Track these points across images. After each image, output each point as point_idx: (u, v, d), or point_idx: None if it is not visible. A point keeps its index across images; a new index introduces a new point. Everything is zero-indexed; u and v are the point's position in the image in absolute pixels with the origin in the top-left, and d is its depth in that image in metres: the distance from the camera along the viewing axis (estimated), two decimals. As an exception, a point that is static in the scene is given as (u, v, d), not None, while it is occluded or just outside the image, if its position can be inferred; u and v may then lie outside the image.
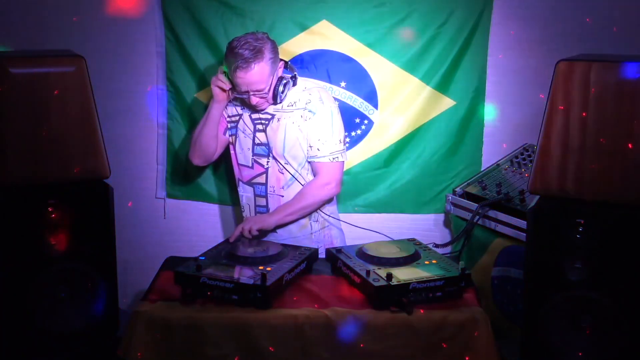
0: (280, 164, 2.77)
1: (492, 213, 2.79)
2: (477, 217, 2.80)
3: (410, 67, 3.14)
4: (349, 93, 3.14)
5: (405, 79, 3.15)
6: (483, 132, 3.22)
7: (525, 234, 2.45)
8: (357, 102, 3.16)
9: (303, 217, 2.78)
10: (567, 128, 2.14)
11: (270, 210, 2.80)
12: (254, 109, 2.76)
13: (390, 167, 3.23)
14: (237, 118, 2.84)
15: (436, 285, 2.22)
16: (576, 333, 2.16)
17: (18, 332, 2.28)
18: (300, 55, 3.15)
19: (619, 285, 2.10)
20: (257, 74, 2.62)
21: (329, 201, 2.84)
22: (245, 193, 2.87)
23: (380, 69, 3.14)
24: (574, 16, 3.06)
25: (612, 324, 2.11)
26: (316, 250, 2.52)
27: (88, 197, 2.36)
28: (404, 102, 3.18)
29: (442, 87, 3.17)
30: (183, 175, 3.29)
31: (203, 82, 3.18)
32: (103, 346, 2.38)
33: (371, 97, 3.16)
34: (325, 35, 3.13)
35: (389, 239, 2.64)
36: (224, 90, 2.73)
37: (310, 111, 2.73)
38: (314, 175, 2.78)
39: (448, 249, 3.19)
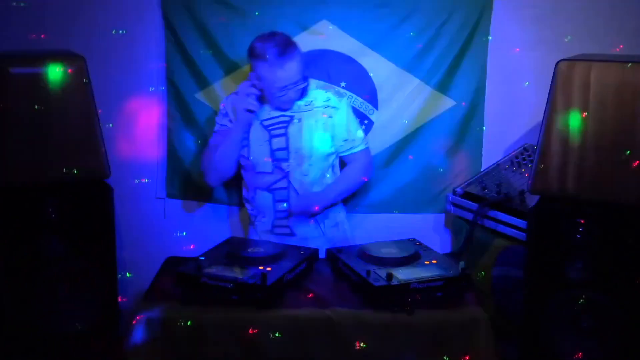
0: (304, 165, 2.78)
1: (492, 213, 2.79)
2: (479, 217, 2.80)
3: (410, 67, 3.14)
4: (349, 93, 3.14)
5: (405, 79, 3.15)
6: (483, 132, 3.21)
7: (525, 234, 2.45)
8: (357, 102, 3.16)
9: (338, 201, 2.87)
10: (567, 128, 2.14)
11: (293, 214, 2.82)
12: (283, 106, 2.75)
13: (390, 167, 3.22)
14: (247, 129, 2.80)
15: (436, 286, 2.22)
16: (576, 333, 2.17)
17: (18, 332, 2.28)
18: (300, 55, 3.15)
19: (619, 285, 2.10)
20: (297, 65, 2.66)
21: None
22: (263, 200, 2.84)
23: (380, 69, 3.14)
24: (574, 16, 3.06)
25: (612, 324, 2.11)
26: (316, 250, 2.52)
27: (88, 197, 2.36)
28: (404, 102, 3.18)
29: (442, 87, 3.17)
30: (183, 175, 3.29)
31: (203, 82, 3.18)
32: (103, 346, 2.38)
33: (371, 97, 3.16)
34: (325, 35, 3.12)
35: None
36: (252, 111, 2.72)
37: (333, 107, 2.80)
38: (344, 168, 2.90)
39: (448, 249, 3.20)
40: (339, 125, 2.81)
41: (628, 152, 2.07)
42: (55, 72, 2.27)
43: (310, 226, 2.85)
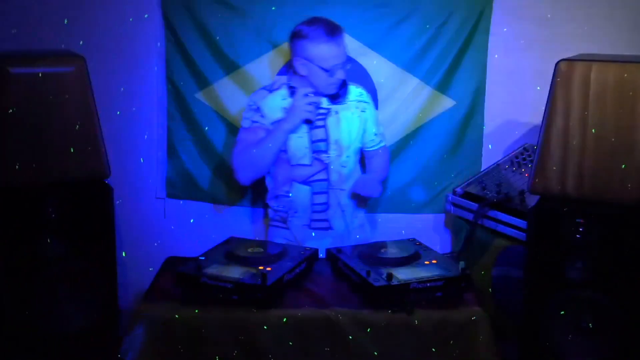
0: (342, 157, 2.79)
1: (492, 213, 2.79)
2: (479, 217, 2.80)
3: (410, 67, 3.14)
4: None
5: (405, 79, 3.15)
6: (483, 132, 3.21)
7: (525, 234, 2.45)
8: (357, 102, 3.16)
9: None
10: (567, 128, 2.14)
11: (331, 207, 2.81)
12: (329, 90, 2.75)
13: (390, 166, 3.22)
14: None
15: (436, 286, 2.22)
16: (576, 333, 2.17)
17: (18, 332, 2.28)
18: (301, 55, 3.15)
19: (619, 285, 2.10)
20: (344, 44, 2.71)
21: None
22: (300, 194, 2.82)
23: (380, 69, 3.14)
24: (574, 16, 3.06)
25: (612, 324, 2.11)
26: (316, 250, 2.52)
27: (88, 197, 2.36)
28: (404, 102, 3.18)
29: (442, 87, 3.17)
30: (183, 175, 3.29)
31: (203, 82, 3.18)
32: (103, 346, 2.38)
33: (371, 97, 3.16)
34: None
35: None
36: (310, 122, 2.73)
37: (365, 102, 2.88)
38: (369, 162, 2.95)
39: (448, 249, 3.19)
40: (370, 120, 2.89)
41: (628, 152, 2.08)
42: (55, 72, 2.27)
43: (345, 221, 2.85)
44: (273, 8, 3.09)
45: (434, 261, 2.37)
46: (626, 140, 2.08)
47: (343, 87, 2.80)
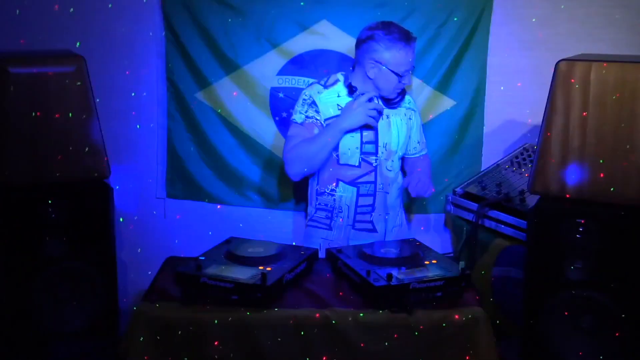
0: (389, 161, 2.80)
1: (492, 213, 2.79)
2: (479, 218, 2.80)
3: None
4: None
5: (405, 79, 3.15)
6: (483, 132, 3.22)
7: (525, 234, 2.45)
8: (357, 102, 3.15)
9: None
10: (567, 128, 2.14)
11: (376, 209, 2.81)
12: (393, 94, 2.76)
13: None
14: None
15: (436, 286, 2.22)
16: (576, 333, 2.17)
17: (18, 332, 2.28)
18: (300, 55, 3.15)
19: (619, 285, 2.10)
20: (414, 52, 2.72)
21: None
22: (345, 194, 2.80)
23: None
24: (574, 16, 3.06)
25: (612, 324, 2.11)
26: (316, 251, 2.52)
27: (88, 197, 2.36)
28: (404, 102, 3.18)
29: (442, 87, 3.17)
30: (183, 175, 3.29)
31: (203, 82, 3.18)
32: (103, 346, 2.38)
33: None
34: (325, 35, 3.13)
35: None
36: (371, 128, 2.73)
37: (412, 110, 2.90)
38: (413, 168, 2.94)
39: (448, 249, 3.19)
40: (415, 128, 2.91)
41: (628, 152, 2.08)
42: (55, 72, 2.27)
43: (389, 224, 2.86)
44: (273, 8, 3.09)
45: (434, 261, 2.37)
46: (626, 140, 2.08)
47: (401, 93, 2.81)
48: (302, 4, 3.09)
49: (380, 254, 2.40)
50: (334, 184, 2.80)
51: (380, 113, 2.70)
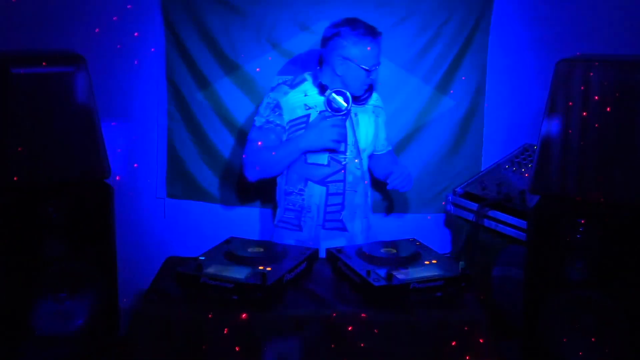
0: (358, 159, 2.79)
1: (492, 213, 2.79)
2: (479, 218, 2.80)
3: (410, 67, 3.14)
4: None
5: (405, 79, 3.16)
6: (483, 132, 3.22)
7: (525, 234, 2.45)
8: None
9: None
10: (567, 128, 2.14)
11: (345, 208, 2.80)
12: (360, 91, 2.74)
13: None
14: (305, 119, 2.73)
15: (436, 286, 2.22)
16: (576, 333, 2.16)
17: (18, 332, 2.28)
18: (300, 55, 3.15)
19: (620, 285, 2.10)
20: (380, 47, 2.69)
21: None
22: (314, 193, 2.78)
23: (380, 68, 3.13)
24: (574, 16, 3.06)
25: (612, 324, 2.11)
26: (316, 250, 2.52)
27: (88, 197, 2.36)
28: (404, 102, 3.18)
29: (442, 87, 3.17)
30: (183, 175, 3.29)
31: (203, 82, 3.18)
32: (103, 346, 2.38)
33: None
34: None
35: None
36: (333, 151, 2.72)
37: (380, 107, 2.89)
38: (381, 163, 2.94)
39: (448, 249, 3.20)
40: (382, 125, 2.90)
41: (628, 152, 2.07)
42: (55, 72, 2.27)
43: (357, 222, 2.85)
44: (273, 8, 3.09)
45: (434, 261, 2.37)
46: (626, 140, 2.08)
47: (369, 89, 2.79)
48: (302, 4, 3.09)
49: (380, 254, 2.40)
50: (303, 184, 2.79)
51: (344, 136, 2.67)
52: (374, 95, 2.87)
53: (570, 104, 2.13)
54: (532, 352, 2.24)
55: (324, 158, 2.75)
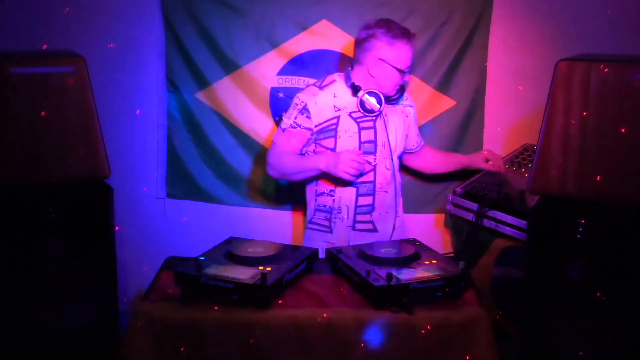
0: (388, 159, 2.79)
1: (492, 213, 2.79)
2: (479, 218, 2.80)
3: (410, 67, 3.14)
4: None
5: (405, 78, 3.15)
6: (483, 132, 3.22)
7: (525, 234, 2.45)
8: (357, 102, 3.15)
9: None
10: (567, 128, 2.14)
11: (376, 209, 2.81)
12: (393, 92, 2.77)
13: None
14: (335, 120, 2.75)
15: (436, 285, 2.22)
16: (576, 333, 2.16)
17: (18, 332, 2.28)
18: (300, 55, 3.15)
19: (620, 285, 2.10)
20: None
21: None
22: (344, 194, 2.80)
23: (380, 69, 3.14)
24: (574, 16, 3.06)
25: (612, 324, 2.11)
26: (316, 250, 2.52)
27: (88, 197, 2.36)
28: (404, 102, 3.18)
29: (442, 87, 3.17)
30: (183, 175, 3.29)
31: (203, 82, 3.18)
32: (103, 346, 2.37)
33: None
34: (325, 35, 3.13)
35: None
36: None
37: (410, 106, 2.93)
38: (414, 163, 3.06)
39: (448, 249, 3.19)
40: (414, 123, 2.94)
41: (628, 152, 2.07)
42: (55, 72, 2.27)
43: (389, 223, 2.85)
44: (273, 8, 3.09)
45: (434, 261, 2.37)
46: (626, 140, 2.08)
47: (400, 89, 2.81)
48: (302, 4, 3.09)
49: (380, 254, 2.40)
50: (334, 185, 2.80)
51: (362, 171, 2.67)
52: (404, 95, 2.89)
53: (570, 104, 2.13)
54: (532, 352, 2.24)
55: None
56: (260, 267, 2.28)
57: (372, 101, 2.69)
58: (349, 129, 2.75)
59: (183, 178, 3.30)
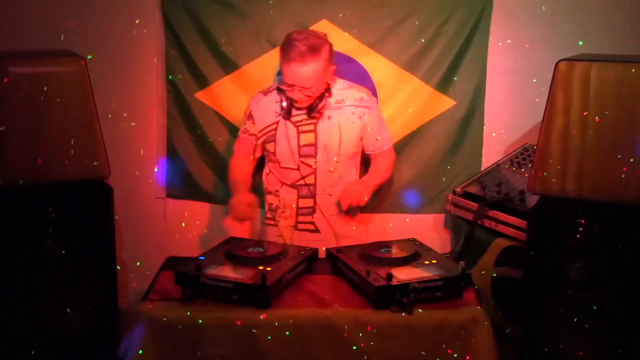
0: (331, 162, 2.78)
1: (492, 213, 2.79)
2: (479, 218, 2.80)
3: (410, 67, 3.13)
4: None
5: (405, 79, 3.15)
6: (483, 132, 3.21)
7: (525, 234, 2.45)
8: (357, 102, 3.15)
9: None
10: (567, 128, 2.14)
11: (318, 211, 2.83)
12: (299, 103, 2.75)
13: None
14: (275, 126, 2.79)
15: (436, 285, 2.22)
16: (576, 333, 2.17)
17: (18, 332, 2.28)
18: (300, 55, 3.15)
19: (619, 285, 2.10)
20: (309, 71, 2.62)
21: None
22: (288, 195, 2.84)
23: (381, 68, 3.14)
24: (574, 16, 3.06)
25: (612, 324, 2.11)
26: (316, 250, 2.52)
27: (88, 197, 2.36)
28: (404, 102, 3.18)
29: (442, 87, 3.17)
30: (183, 175, 3.29)
31: (203, 82, 3.18)
32: (103, 346, 2.38)
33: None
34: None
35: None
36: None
37: (365, 106, 2.82)
38: (372, 165, 2.93)
39: (448, 249, 3.19)
40: (372, 124, 2.85)
41: (628, 152, 2.08)
42: (55, 72, 2.27)
43: (332, 225, 2.86)
44: (273, 8, 3.09)
45: (434, 261, 2.37)
46: (626, 140, 2.08)
47: (321, 100, 2.74)
48: (302, 4, 3.09)
49: (380, 254, 2.40)
50: (278, 186, 2.86)
51: (239, 218, 2.73)
52: (357, 95, 2.82)
53: (570, 104, 2.13)
54: (532, 352, 2.24)
55: (293, 162, 2.79)
56: (260, 267, 2.28)
57: (283, 105, 2.75)
58: (287, 134, 2.77)
59: (183, 178, 3.29)
